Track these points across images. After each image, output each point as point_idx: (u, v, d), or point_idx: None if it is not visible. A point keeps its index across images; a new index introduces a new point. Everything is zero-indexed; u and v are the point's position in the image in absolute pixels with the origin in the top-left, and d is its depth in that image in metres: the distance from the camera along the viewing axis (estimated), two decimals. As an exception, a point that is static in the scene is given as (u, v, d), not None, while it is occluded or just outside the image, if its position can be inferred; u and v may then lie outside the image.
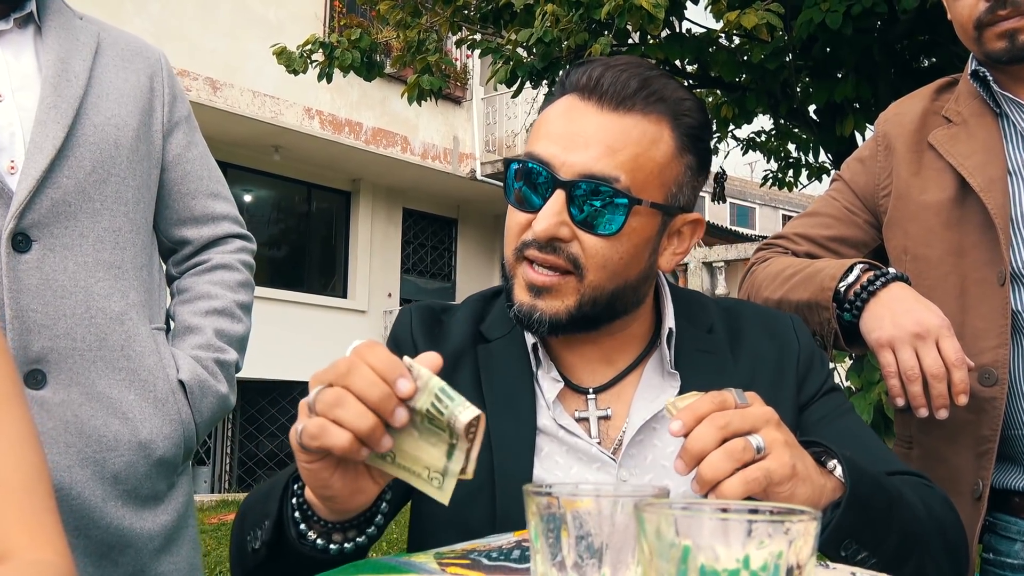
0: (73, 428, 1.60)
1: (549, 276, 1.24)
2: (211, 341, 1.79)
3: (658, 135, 1.24)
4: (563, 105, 1.28)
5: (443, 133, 14.55)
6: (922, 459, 1.73)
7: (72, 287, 1.62)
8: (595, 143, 1.21)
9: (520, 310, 1.26)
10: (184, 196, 1.87)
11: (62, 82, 1.66)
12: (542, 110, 1.34)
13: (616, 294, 1.27)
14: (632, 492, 0.77)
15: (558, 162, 1.22)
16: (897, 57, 5.68)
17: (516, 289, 1.27)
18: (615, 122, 1.22)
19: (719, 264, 8.92)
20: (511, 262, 1.28)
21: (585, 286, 1.24)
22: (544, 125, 1.28)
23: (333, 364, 0.93)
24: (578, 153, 1.21)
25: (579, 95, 1.26)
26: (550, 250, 1.22)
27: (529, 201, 1.25)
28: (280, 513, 1.06)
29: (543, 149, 1.24)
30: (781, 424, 1.05)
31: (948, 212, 1.70)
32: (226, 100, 11.74)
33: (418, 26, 6.50)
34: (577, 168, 1.21)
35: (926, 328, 1.54)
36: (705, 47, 5.93)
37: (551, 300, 1.24)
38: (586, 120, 1.23)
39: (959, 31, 1.71)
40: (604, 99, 1.23)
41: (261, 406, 13.09)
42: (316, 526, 1.05)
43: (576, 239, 1.23)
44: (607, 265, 1.24)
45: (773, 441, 1.01)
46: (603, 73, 1.24)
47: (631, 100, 1.23)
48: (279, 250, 14.29)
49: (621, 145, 1.21)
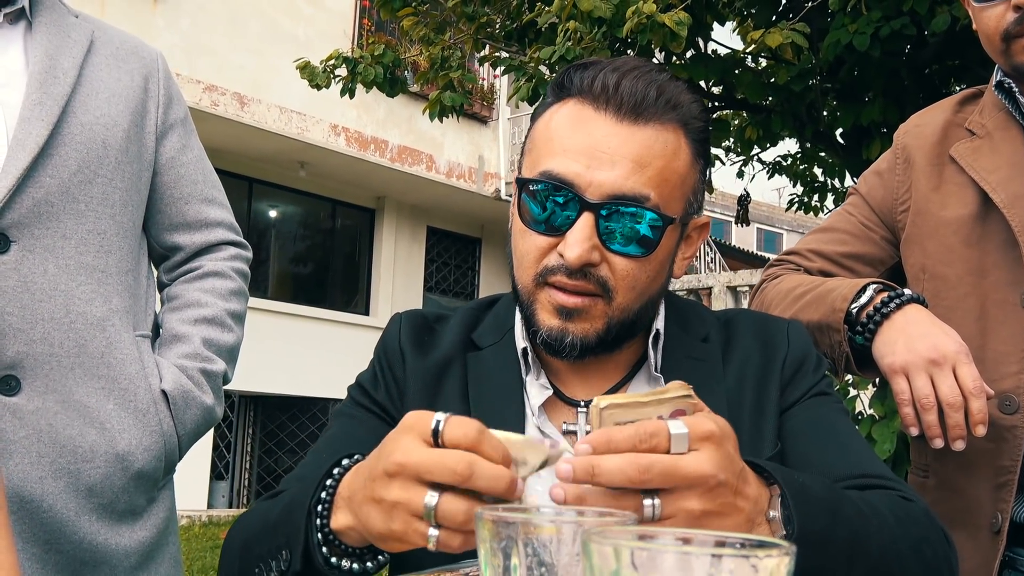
0: (47, 437, 1.54)
1: (580, 299, 1.18)
2: (198, 350, 1.73)
3: (677, 144, 1.19)
4: (573, 114, 1.20)
5: (468, 152, 14.54)
6: (938, 489, 1.64)
7: (51, 290, 1.57)
8: (621, 159, 1.15)
9: (550, 334, 1.19)
10: (177, 201, 1.82)
11: (49, 79, 1.62)
12: (537, 115, 1.27)
13: (640, 312, 1.22)
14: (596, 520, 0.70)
15: (583, 182, 1.15)
16: (926, 81, 5.58)
17: (541, 313, 1.20)
18: (636, 134, 1.16)
19: (743, 288, 8.82)
20: (529, 287, 1.22)
21: (613, 309, 1.19)
22: (556, 138, 1.20)
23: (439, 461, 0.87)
24: (604, 171, 1.15)
25: (591, 103, 1.18)
26: (580, 275, 1.16)
27: (550, 224, 1.18)
28: (306, 547, 1.01)
29: (563, 167, 1.16)
30: (716, 488, 0.89)
31: (969, 229, 1.61)
32: (253, 116, 11.78)
33: (441, 42, 6.48)
34: (606, 188, 1.15)
35: (942, 354, 1.46)
36: (731, 68, 5.85)
37: (581, 323, 1.19)
38: (606, 133, 1.16)
39: (985, 42, 1.64)
40: (623, 109, 1.17)
41: (281, 422, 13.07)
42: (338, 551, 1.01)
43: (605, 261, 1.17)
44: (636, 286, 1.19)
45: (678, 511, 0.88)
46: (619, 80, 1.17)
47: (650, 110, 1.17)
48: (303, 266, 14.31)
49: (648, 159, 1.16)
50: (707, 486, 0.88)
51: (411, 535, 0.89)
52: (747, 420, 1.25)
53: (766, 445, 1.23)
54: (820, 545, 0.96)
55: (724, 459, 0.90)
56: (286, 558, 1.02)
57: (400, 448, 0.89)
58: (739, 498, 0.92)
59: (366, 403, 1.32)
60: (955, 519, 1.57)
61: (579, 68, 1.22)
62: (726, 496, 0.90)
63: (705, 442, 0.89)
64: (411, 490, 0.88)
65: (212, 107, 11.31)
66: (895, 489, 1.17)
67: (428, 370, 1.30)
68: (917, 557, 1.07)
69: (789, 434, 1.25)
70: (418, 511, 0.87)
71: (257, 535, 1.10)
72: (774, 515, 0.97)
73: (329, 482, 1.02)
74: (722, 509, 0.89)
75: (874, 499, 1.10)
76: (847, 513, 1.02)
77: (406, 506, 0.88)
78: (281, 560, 1.03)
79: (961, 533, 1.55)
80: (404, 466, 0.88)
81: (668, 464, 0.87)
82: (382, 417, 1.30)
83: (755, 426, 1.24)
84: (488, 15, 6.34)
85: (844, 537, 0.99)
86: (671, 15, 4.33)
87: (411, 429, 0.90)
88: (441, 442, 0.88)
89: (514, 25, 6.27)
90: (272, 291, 13.44)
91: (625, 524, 0.70)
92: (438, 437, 0.88)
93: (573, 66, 1.24)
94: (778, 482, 0.98)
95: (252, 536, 1.11)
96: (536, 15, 5.74)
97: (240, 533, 1.15)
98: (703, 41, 5.91)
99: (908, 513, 1.11)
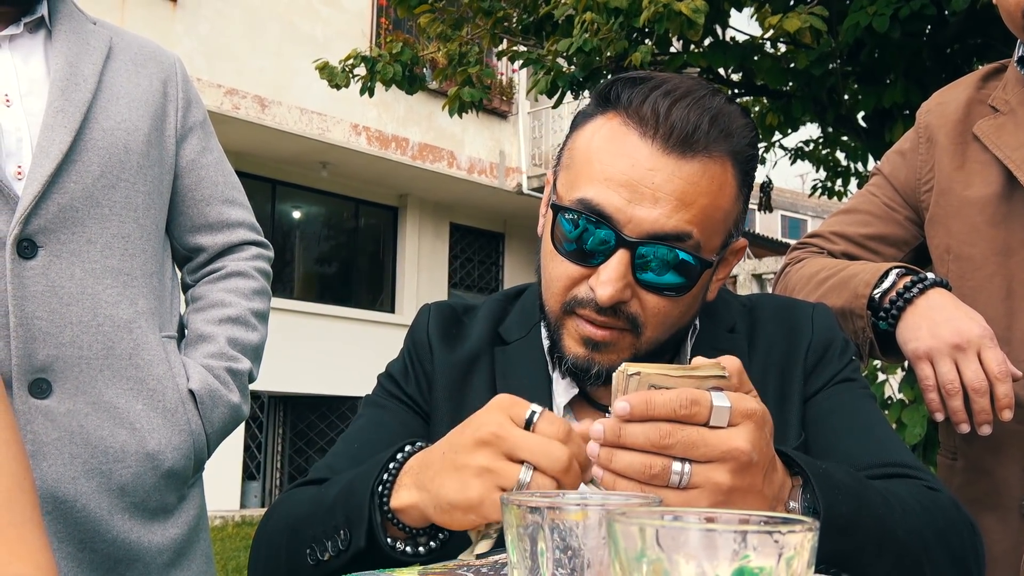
0: (79, 438, 1.56)
1: (608, 332, 1.15)
2: (224, 350, 1.74)
3: (723, 178, 1.13)
4: (617, 136, 1.13)
5: (489, 148, 14.54)
6: (967, 471, 1.63)
7: (79, 294, 1.59)
8: (665, 196, 1.09)
9: (576, 363, 1.18)
10: (198, 202, 1.83)
11: (70, 86, 1.63)
12: (578, 125, 1.21)
13: (669, 342, 1.21)
14: (621, 503, 0.70)
15: (623, 217, 1.10)
16: (948, 61, 5.52)
17: (567, 340, 1.19)
18: (683, 168, 1.10)
19: (769, 276, 8.77)
20: (557, 314, 1.19)
21: (642, 342, 1.17)
22: (596, 162, 1.13)
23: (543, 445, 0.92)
24: (646, 207, 1.09)
25: (638, 127, 1.12)
26: (610, 313, 1.13)
27: (584, 254, 1.14)
28: (370, 525, 1.02)
29: (603, 198, 1.11)
30: (747, 466, 0.88)
31: (994, 208, 1.59)
32: (274, 118, 11.84)
33: (459, 38, 6.48)
34: (646, 226, 1.10)
35: (966, 339, 1.44)
36: (749, 55, 5.81)
37: (608, 355, 1.17)
38: (652, 165, 1.10)
39: (1006, 18, 1.61)
40: (671, 140, 1.10)
41: (310, 421, 13.14)
42: (394, 530, 1.03)
43: (636, 297, 1.14)
44: (666, 322, 1.17)
45: (706, 482, 0.87)
46: (671, 107, 1.10)
47: (699, 143, 1.11)
48: (328, 266, 14.37)
49: (692, 197, 1.10)
50: (739, 462, 0.87)
51: (486, 505, 0.91)
52: (772, 408, 1.21)
53: (791, 434, 1.22)
54: (847, 530, 0.95)
55: (761, 440, 0.90)
56: (344, 537, 1.03)
57: (495, 422, 0.92)
58: (766, 483, 0.92)
59: (398, 394, 1.32)
60: (984, 501, 1.56)
61: (628, 83, 1.15)
62: (755, 477, 0.90)
63: (747, 419, 0.89)
64: (502, 461, 0.91)
65: (233, 110, 11.38)
66: (920, 479, 1.15)
67: (456, 365, 1.30)
68: (943, 546, 1.06)
69: (813, 422, 1.23)
70: (507, 482, 0.90)
71: (309, 517, 1.09)
72: (793, 506, 0.97)
73: (392, 465, 1.04)
74: (749, 488, 0.89)
75: (899, 488, 1.08)
76: (871, 500, 1.00)
77: (494, 475, 0.91)
78: (339, 540, 1.03)
79: (990, 515, 1.54)
80: (501, 438, 0.91)
81: (693, 434, 0.86)
82: (413, 409, 1.31)
83: (780, 415, 1.22)
84: (505, 9, 6.33)
85: (870, 523, 0.99)
86: (688, 3, 4.32)
87: (506, 411, 0.93)
88: (534, 430, 0.92)
89: (531, 18, 6.26)
90: (298, 292, 13.51)
91: (650, 506, 0.70)
92: (530, 427, 0.92)
93: (621, 79, 1.17)
94: (801, 468, 0.97)
95: (302, 518, 1.11)
96: (553, 8, 5.73)
97: (284, 517, 1.15)
98: (721, 28, 5.88)
99: (934, 502, 1.09)
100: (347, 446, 1.26)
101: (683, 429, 0.86)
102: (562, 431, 0.92)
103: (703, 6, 4.34)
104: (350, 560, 1.04)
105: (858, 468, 1.13)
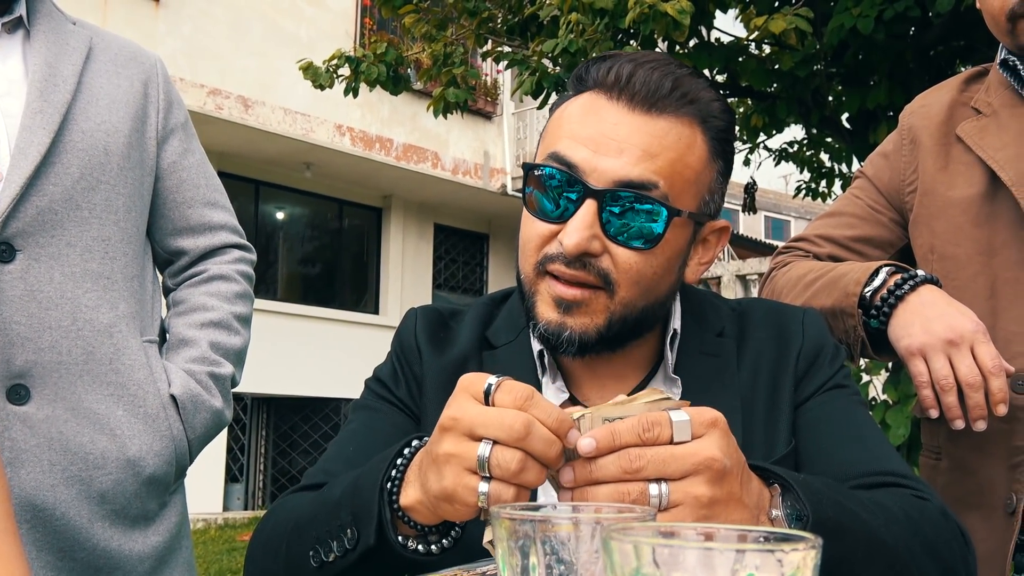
0: (58, 445, 1.53)
1: (579, 291, 1.14)
2: (206, 354, 1.72)
3: (692, 139, 1.15)
4: (586, 103, 1.17)
5: (474, 148, 14.51)
6: (951, 471, 1.63)
7: (58, 298, 1.56)
8: (630, 146, 1.11)
9: (547, 328, 1.16)
10: (180, 205, 1.81)
11: (49, 87, 1.61)
12: (555, 108, 1.24)
13: (646, 311, 1.17)
14: (615, 516, 0.69)
15: (588, 167, 1.12)
16: (931, 63, 5.54)
17: (540, 305, 1.17)
18: (649, 124, 1.12)
19: (753, 277, 8.79)
20: (531, 277, 1.18)
21: (616, 303, 1.14)
22: (566, 124, 1.17)
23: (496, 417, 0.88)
24: (611, 158, 1.11)
25: (605, 93, 1.15)
26: (578, 265, 1.12)
27: (552, 210, 1.15)
28: (380, 522, 0.99)
29: (569, 152, 1.14)
30: (723, 474, 0.88)
31: (977, 208, 1.60)
32: (258, 118, 11.78)
33: (443, 39, 6.45)
34: (611, 175, 1.11)
35: (959, 334, 1.44)
36: (734, 56, 5.82)
37: (580, 317, 1.14)
38: (617, 121, 1.13)
39: (990, 22, 1.62)
40: (636, 99, 1.13)
41: (294, 423, 13.08)
42: (406, 528, 1.01)
43: (607, 252, 1.13)
44: (640, 281, 1.14)
45: (686, 497, 0.87)
46: (634, 70, 1.14)
47: (664, 101, 1.13)
48: (311, 267, 14.31)
49: (658, 149, 1.12)
50: (713, 470, 0.87)
51: (461, 491, 0.89)
52: (761, 416, 1.21)
53: (780, 441, 1.20)
54: (835, 533, 0.94)
55: (730, 446, 0.90)
56: (352, 536, 1.01)
57: (455, 405, 0.91)
58: (744, 491, 0.91)
59: (388, 397, 1.30)
60: (969, 501, 1.56)
61: (597, 60, 1.19)
62: (733, 484, 0.89)
63: (711, 427, 0.89)
64: (464, 443, 0.89)
65: (216, 111, 11.31)
66: (911, 488, 1.13)
67: (444, 369, 1.28)
68: (931, 556, 1.04)
69: (805, 429, 1.22)
70: (470, 463, 0.88)
71: (312, 518, 1.08)
72: (777, 514, 0.96)
73: (400, 461, 1.02)
74: (729, 498, 0.89)
75: (883, 497, 1.07)
76: (852, 507, 0.99)
77: (459, 458, 0.89)
78: (345, 539, 1.01)
79: (975, 515, 1.54)
80: (458, 420, 0.89)
81: (662, 452, 0.87)
82: (404, 412, 1.29)
83: (769, 422, 1.21)
84: (490, 10, 6.32)
85: (857, 528, 0.97)
86: (673, 4, 4.31)
87: (465, 390, 0.91)
88: (492, 403, 0.89)
89: (516, 19, 6.25)
90: (282, 293, 13.45)
91: (645, 520, 0.68)
92: (489, 398, 0.89)
93: (592, 59, 1.21)
94: (780, 478, 0.96)
95: (305, 520, 1.09)
96: (538, 8, 5.72)
97: (284, 522, 1.12)
98: (706, 29, 5.88)
99: (920, 512, 1.08)
100: (341, 450, 1.24)
101: (651, 449, 0.86)
102: (519, 397, 0.88)
103: (688, 7, 4.33)
104: (358, 560, 1.01)
105: (849, 476, 1.12)
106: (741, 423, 1.19)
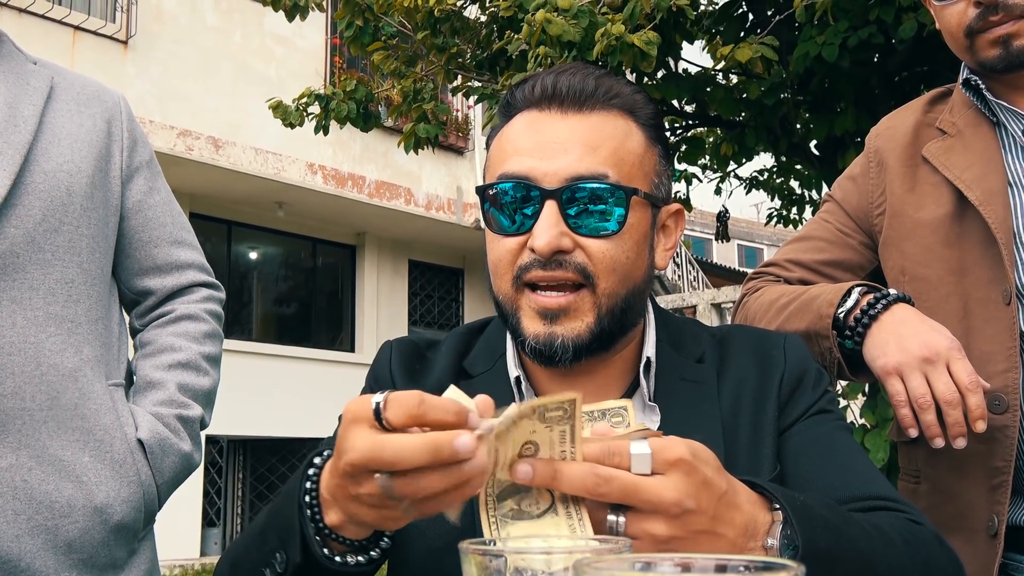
0: (22, 494, 1.49)
1: (562, 296, 1.16)
2: (174, 396, 1.69)
3: (627, 128, 1.21)
4: (521, 122, 1.22)
5: (446, 184, 14.53)
6: (931, 494, 1.61)
7: (21, 343, 1.53)
8: (572, 145, 1.16)
9: (537, 341, 1.16)
10: (146, 244, 1.78)
11: (9, 128, 1.58)
12: (491, 139, 1.28)
13: (629, 300, 1.19)
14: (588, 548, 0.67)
15: (539, 173, 1.16)
16: (896, 88, 5.61)
17: (525, 320, 1.18)
18: (584, 122, 1.18)
19: (728, 305, 8.81)
20: (510, 295, 1.19)
21: (600, 296, 1.16)
22: (508, 145, 1.22)
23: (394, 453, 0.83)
24: (558, 159, 1.16)
25: (536, 107, 1.21)
26: (555, 265, 1.15)
27: (517, 223, 1.18)
28: (303, 539, 0.98)
29: (518, 166, 1.18)
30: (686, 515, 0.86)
31: (947, 229, 1.60)
32: (229, 158, 11.75)
33: (413, 75, 6.47)
34: (562, 174, 1.15)
35: (935, 351, 1.44)
36: (702, 86, 5.86)
37: (568, 323, 1.16)
38: (554, 126, 1.18)
39: (949, 40, 1.63)
40: (565, 103, 1.19)
41: (271, 464, 12.94)
42: (341, 546, 0.99)
43: (579, 247, 1.15)
44: (616, 268, 1.17)
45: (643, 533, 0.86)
46: (556, 80, 1.20)
47: (592, 99, 1.19)
48: (286, 306, 14.23)
49: (599, 141, 1.17)
50: (671, 513, 0.85)
51: (388, 522, 0.90)
52: (744, 442, 1.20)
53: (765, 467, 1.19)
54: (827, 563, 0.92)
55: (695, 486, 0.87)
56: (282, 560, 1.00)
57: (348, 446, 0.86)
58: (719, 524, 0.89)
59: None
60: (950, 524, 1.54)
61: (519, 84, 1.25)
62: (699, 524, 0.87)
63: (673, 468, 0.87)
64: (367, 482, 0.86)
65: (187, 152, 11.28)
66: (903, 511, 1.13)
67: None
68: None
69: (789, 455, 1.21)
70: (380, 500, 0.86)
71: (244, 550, 1.09)
72: (772, 543, 0.93)
73: (309, 484, 0.99)
74: (694, 536, 0.87)
75: (880, 521, 1.06)
76: (852, 533, 0.98)
77: (369, 496, 0.87)
78: (276, 564, 1.00)
79: (957, 538, 1.52)
80: (355, 466, 0.85)
81: (629, 482, 0.85)
82: None
83: (752, 448, 1.20)
84: (458, 45, 6.34)
85: (852, 556, 0.96)
86: (640, 35, 4.34)
87: (354, 421, 0.87)
88: (386, 424, 0.84)
89: (484, 54, 6.27)
90: (256, 333, 13.36)
91: (620, 552, 0.66)
92: (381, 420, 0.84)
93: (514, 85, 1.27)
94: (780, 503, 0.94)
95: (240, 554, 1.09)
96: (506, 43, 5.74)
97: (226, 560, 1.13)
98: (673, 60, 5.93)
99: (916, 536, 1.07)
100: None
101: (623, 475, 0.85)
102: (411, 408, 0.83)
103: (655, 38, 4.36)
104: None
105: (839, 502, 1.10)
106: (724, 450, 1.18)
